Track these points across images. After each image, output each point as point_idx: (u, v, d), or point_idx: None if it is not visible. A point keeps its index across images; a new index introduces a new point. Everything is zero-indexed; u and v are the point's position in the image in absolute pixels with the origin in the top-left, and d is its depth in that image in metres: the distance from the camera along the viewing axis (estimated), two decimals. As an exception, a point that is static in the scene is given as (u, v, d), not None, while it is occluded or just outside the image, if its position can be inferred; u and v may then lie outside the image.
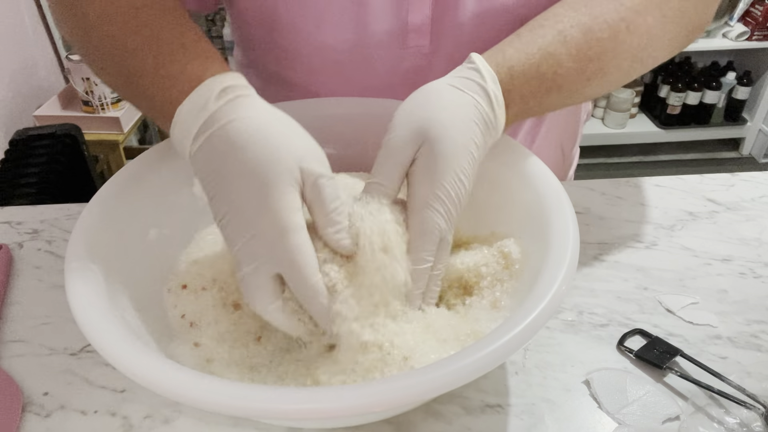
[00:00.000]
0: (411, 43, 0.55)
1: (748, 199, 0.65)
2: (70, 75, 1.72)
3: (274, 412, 0.30)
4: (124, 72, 0.42)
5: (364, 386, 0.31)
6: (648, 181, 0.68)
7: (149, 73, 0.41)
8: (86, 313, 0.34)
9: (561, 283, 0.35)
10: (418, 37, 0.54)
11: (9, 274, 0.56)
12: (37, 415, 0.43)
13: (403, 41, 0.55)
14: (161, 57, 0.40)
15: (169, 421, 0.43)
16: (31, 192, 1.44)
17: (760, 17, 2.26)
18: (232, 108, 0.37)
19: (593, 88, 0.48)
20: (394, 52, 0.55)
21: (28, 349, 0.49)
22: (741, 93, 2.43)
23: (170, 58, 0.40)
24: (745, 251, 0.58)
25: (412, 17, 0.53)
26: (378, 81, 0.57)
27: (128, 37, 0.42)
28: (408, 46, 0.55)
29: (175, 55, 0.40)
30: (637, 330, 0.49)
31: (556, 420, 0.43)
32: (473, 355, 0.31)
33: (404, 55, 0.56)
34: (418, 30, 0.54)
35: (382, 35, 0.54)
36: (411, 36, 0.54)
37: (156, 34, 0.42)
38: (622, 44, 0.46)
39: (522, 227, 0.44)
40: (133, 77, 0.42)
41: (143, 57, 0.41)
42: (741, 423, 0.42)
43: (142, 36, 0.42)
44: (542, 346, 0.48)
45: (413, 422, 0.42)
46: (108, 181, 0.45)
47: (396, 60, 0.56)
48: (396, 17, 0.53)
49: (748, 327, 0.50)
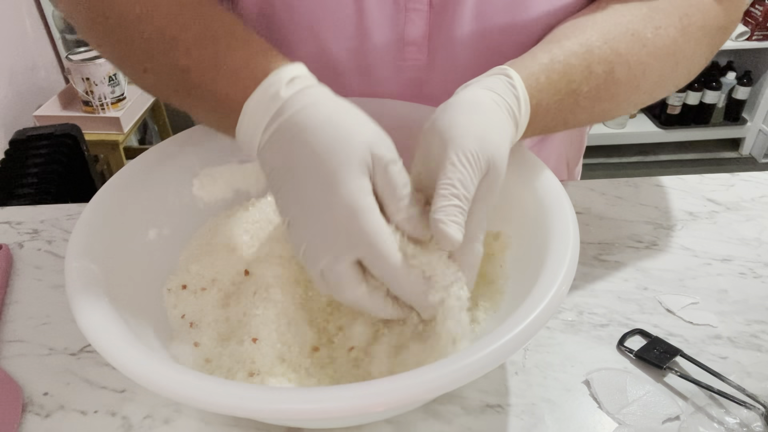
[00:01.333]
0: (408, 56, 0.55)
1: (748, 199, 0.65)
2: (70, 75, 1.72)
3: (274, 412, 0.30)
4: (177, 71, 0.41)
5: (364, 386, 0.31)
6: (648, 181, 0.68)
7: (209, 69, 0.39)
8: (86, 313, 0.34)
9: (561, 283, 0.35)
10: (415, 50, 0.54)
11: (9, 274, 0.56)
12: (37, 415, 0.43)
13: (400, 54, 0.55)
14: (220, 52, 0.39)
15: (169, 421, 0.43)
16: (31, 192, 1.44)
17: (760, 17, 2.26)
18: (302, 97, 0.37)
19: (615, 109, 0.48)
20: (391, 63, 0.55)
21: (28, 349, 0.49)
22: (741, 93, 2.43)
23: (230, 54, 0.39)
24: (745, 251, 0.58)
25: (409, 31, 0.53)
26: (376, 90, 0.57)
27: (180, 33, 0.40)
28: (405, 59, 0.55)
29: (235, 50, 0.40)
30: (637, 330, 0.49)
31: (556, 420, 0.43)
32: (473, 355, 0.31)
33: (402, 67, 0.56)
34: (414, 43, 0.54)
35: (380, 46, 0.54)
36: (408, 49, 0.54)
37: (208, 28, 0.40)
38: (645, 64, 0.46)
39: (522, 227, 0.45)
40: (189, 74, 0.40)
41: (200, 53, 0.40)
42: (741, 423, 0.42)
43: (193, 31, 0.40)
44: (542, 346, 0.48)
45: (413, 422, 0.42)
46: (108, 181, 0.45)
47: (394, 71, 0.56)
48: (393, 30, 0.53)
49: (748, 327, 0.50)
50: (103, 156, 1.84)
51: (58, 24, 1.94)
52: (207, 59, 0.40)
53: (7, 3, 1.79)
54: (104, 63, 1.67)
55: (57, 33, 1.97)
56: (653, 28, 0.47)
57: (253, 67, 0.39)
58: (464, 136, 0.38)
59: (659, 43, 0.47)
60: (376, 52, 0.55)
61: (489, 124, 0.39)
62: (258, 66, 0.39)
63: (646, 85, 0.48)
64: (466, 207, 0.37)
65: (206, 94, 0.40)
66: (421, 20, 0.53)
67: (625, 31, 0.46)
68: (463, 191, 0.37)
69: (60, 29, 1.94)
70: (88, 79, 1.70)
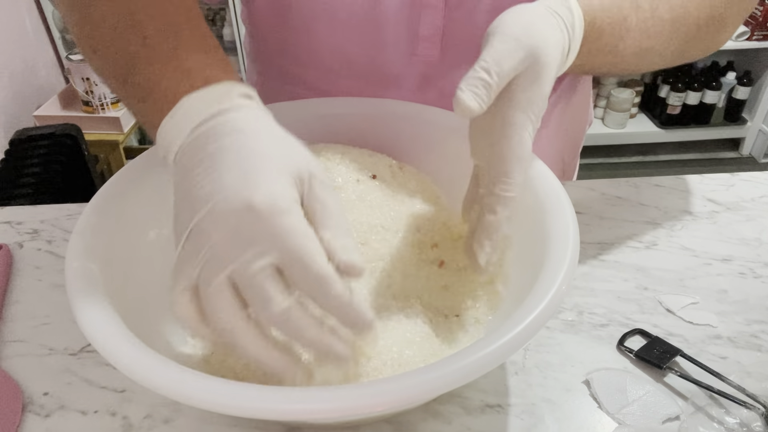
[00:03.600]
0: (421, 52, 0.55)
1: (748, 199, 0.65)
2: (70, 75, 1.72)
3: (274, 412, 0.30)
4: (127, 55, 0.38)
5: (364, 386, 0.31)
6: (648, 181, 0.68)
7: (160, 61, 0.36)
8: (86, 313, 0.34)
9: (561, 283, 0.35)
10: (428, 45, 0.55)
11: (9, 274, 0.56)
12: (37, 415, 0.43)
13: (413, 48, 0.55)
14: (179, 51, 0.37)
15: (169, 421, 0.43)
16: (31, 192, 1.44)
17: (760, 17, 2.26)
18: (248, 108, 0.35)
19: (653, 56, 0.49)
20: (404, 57, 0.56)
21: (28, 349, 0.49)
22: (741, 93, 2.43)
23: (189, 56, 0.37)
24: (745, 251, 0.58)
25: (424, 27, 0.54)
26: (389, 82, 0.58)
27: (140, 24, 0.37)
28: (418, 54, 0.55)
29: (195, 53, 0.37)
30: (637, 330, 0.49)
31: (556, 420, 0.43)
32: (473, 355, 0.31)
33: (414, 61, 0.56)
34: (428, 39, 0.54)
35: (393, 40, 0.55)
36: (422, 44, 0.55)
37: (176, 26, 0.38)
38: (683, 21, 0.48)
39: (522, 227, 0.44)
40: (138, 61, 0.37)
41: (156, 45, 0.37)
42: (741, 423, 0.42)
43: (159, 23, 0.38)
44: (542, 346, 0.48)
45: (413, 422, 0.42)
46: (108, 181, 0.45)
47: (406, 66, 0.56)
48: (407, 25, 0.54)
49: (748, 327, 0.50)
50: (103, 156, 1.84)
51: (58, 24, 1.94)
52: (163, 53, 0.37)
53: (7, 3, 1.79)
54: (104, 63, 1.67)
55: (57, 33, 1.97)
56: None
57: (209, 74, 0.36)
58: (510, 25, 0.38)
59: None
60: (390, 45, 0.55)
61: (538, 19, 0.39)
62: (214, 75, 0.36)
63: (684, 29, 0.49)
64: (493, 82, 0.35)
65: (146, 82, 0.37)
66: (436, 16, 0.53)
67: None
68: (494, 66, 0.35)
69: (60, 29, 1.95)
70: (88, 79, 1.70)
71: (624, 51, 0.47)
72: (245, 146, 0.32)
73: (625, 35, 0.46)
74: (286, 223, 0.30)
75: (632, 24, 0.46)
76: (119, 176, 0.45)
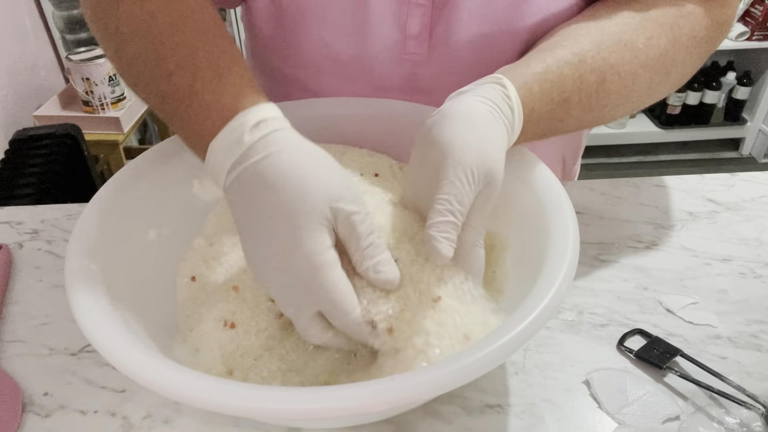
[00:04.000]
0: (409, 50, 0.55)
1: (748, 199, 0.65)
2: (70, 75, 1.72)
3: (274, 412, 0.30)
4: (159, 94, 0.41)
5: (364, 386, 0.31)
6: (648, 181, 0.68)
7: (184, 99, 0.39)
8: (86, 313, 0.34)
9: (561, 283, 0.35)
10: (415, 44, 0.55)
11: (9, 274, 0.56)
12: (37, 415, 0.43)
13: (401, 47, 0.55)
14: (196, 84, 0.39)
15: (169, 421, 0.43)
16: (31, 192, 1.44)
17: (760, 17, 2.26)
18: (266, 144, 0.36)
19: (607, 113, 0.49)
20: (393, 56, 0.56)
21: (28, 349, 0.49)
22: (741, 93, 2.43)
23: (205, 87, 0.39)
24: (745, 251, 0.58)
25: (411, 25, 0.54)
26: (377, 83, 0.58)
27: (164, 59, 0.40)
28: (406, 53, 0.56)
29: (210, 83, 0.39)
30: (637, 330, 0.49)
31: (556, 420, 0.43)
32: (473, 355, 0.31)
33: (403, 60, 0.56)
34: (415, 37, 0.55)
35: (381, 38, 0.55)
36: (409, 43, 0.55)
37: (192, 55, 0.40)
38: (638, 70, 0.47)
39: (522, 227, 0.45)
40: (168, 101, 0.40)
41: (178, 82, 0.39)
42: (741, 423, 0.42)
43: (177, 57, 0.40)
44: (542, 346, 0.48)
45: (413, 422, 0.42)
46: (108, 181, 0.45)
47: (395, 64, 0.57)
48: (395, 23, 0.54)
49: (748, 327, 0.50)
50: (103, 156, 1.84)
51: (58, 24, 1.94)
52: (183, 90, 0.39)
53: (7, 3, 1.79)
54: (104, 63, 1.67)
55: (57, 33, 1.97)
56: (645, 39, 0.47)
57: (222, 105, 0.38)
58: (464, 151, 0.38)
59: (650, 53, 0.47)
60: (378, 44, 0.55)
61: (487, 139, 0.40)
62: (227, 104, 0.38)
63: (636, 94, 0.49)
64: (459, 222, 0.38)
65: (181, 124, 0.40)
66: (423, 15, 0.53)
67: (618, 40, 0.47)
68: (458, 207, 0.38)
69: (60, 29, 1.94)
70: (88, 79, 1.69)
71: (565, 128, 0.47)
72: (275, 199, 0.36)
73: (565, 117, 0.46)
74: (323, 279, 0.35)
75: (574, 103, 0.46)
76: (119, 176, 0.45)
